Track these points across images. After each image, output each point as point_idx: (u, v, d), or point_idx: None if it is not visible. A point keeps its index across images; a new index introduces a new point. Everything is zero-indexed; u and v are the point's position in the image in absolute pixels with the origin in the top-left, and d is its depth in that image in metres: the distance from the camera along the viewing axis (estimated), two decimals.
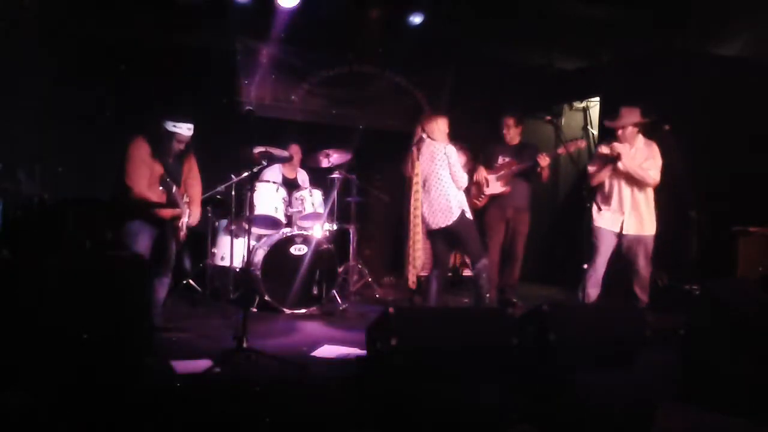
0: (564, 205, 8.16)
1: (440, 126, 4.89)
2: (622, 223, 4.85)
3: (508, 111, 5.89)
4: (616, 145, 4.86)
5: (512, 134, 5.80)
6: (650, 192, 4.87)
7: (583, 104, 8.30)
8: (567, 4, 6.86)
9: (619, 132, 4.89)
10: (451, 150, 4.80)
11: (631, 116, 4.90)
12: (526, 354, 3.29)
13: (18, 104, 6.03)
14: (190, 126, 4.29)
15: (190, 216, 4.49)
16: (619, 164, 4.80)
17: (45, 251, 4.18)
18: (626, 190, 4.86)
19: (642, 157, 4.86)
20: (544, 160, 5.52)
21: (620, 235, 4.87)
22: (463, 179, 4.80)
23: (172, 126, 4.23)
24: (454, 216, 4.73)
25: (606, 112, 5.65)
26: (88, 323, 2.99)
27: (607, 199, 4.93)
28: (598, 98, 7.78)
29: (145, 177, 4.21)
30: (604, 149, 4.94)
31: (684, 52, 6.81)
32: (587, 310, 4.11)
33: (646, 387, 3.44)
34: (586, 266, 4.76)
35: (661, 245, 4.99)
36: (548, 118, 5.06)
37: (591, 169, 5.01)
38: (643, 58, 6.99)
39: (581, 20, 7.04)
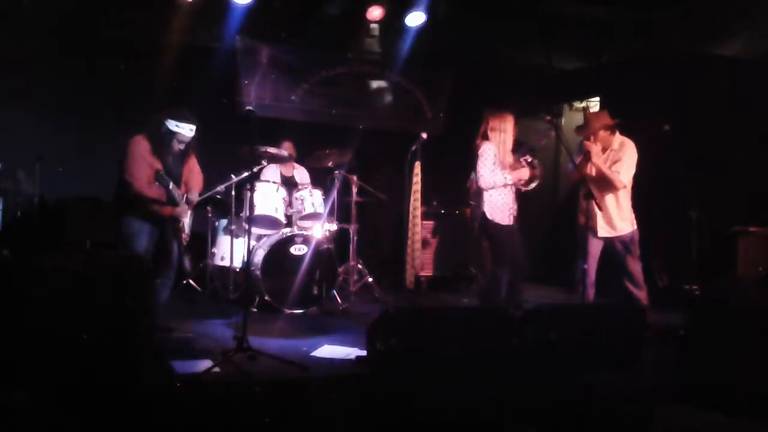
0: (564, 205, 8.16)
1: (500, 125, 4.81)
2: (596, 226, 4.86)
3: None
4: (587, 143, 4.89)
5: None
6: (621, 194, 4.84)
7: (583, 104, 8.29)
8: (567, 4, 6.86)
9: (591, 138, 4.90)
10: (487, 149, 4.75)
11: (598, 121, 4.92)
12: (526, 354, 3.29)
13: (18, 104, 6.04)
14: (192, 127, 4.29)
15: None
16: (590, 164, 4.83)
17: (45, 251, 4.18)
18: (596, 192, 4.85)
19: (617, 158, 4.87)
20: None
21: (598, 237, 4.90)
22: (486, 180, 4.71)
23: (174, 126, 4.23)
24: (486, 215, 4.76)
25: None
26: (89, 323, 2.99)
27: (585, 200, 4.97)
28: (598, 98, 7.77)
29: (145, 173, 4.21)
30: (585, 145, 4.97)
31: (684, 52, 6.80)
32: (587, 311, 4.11)
33: (646, 387, 3.45)
34: (586, 266, 4.76)
35: (661, 245, 4.99)
36: (548, 118, 5.03)
37: (569, 166, 5.06)
38: (643, 58, 6.99)
39: (581, 20, 7.04)
